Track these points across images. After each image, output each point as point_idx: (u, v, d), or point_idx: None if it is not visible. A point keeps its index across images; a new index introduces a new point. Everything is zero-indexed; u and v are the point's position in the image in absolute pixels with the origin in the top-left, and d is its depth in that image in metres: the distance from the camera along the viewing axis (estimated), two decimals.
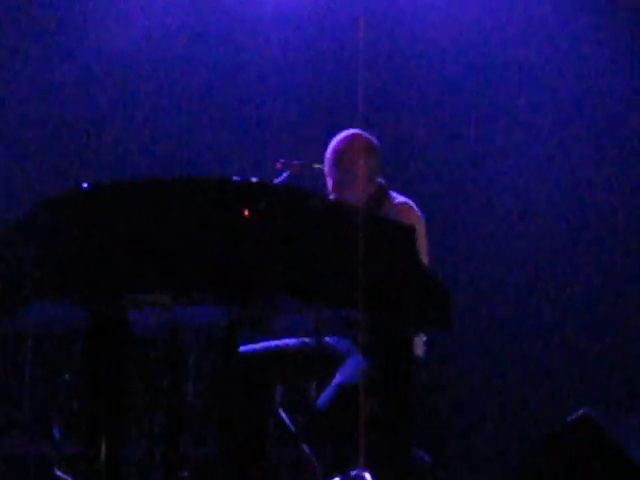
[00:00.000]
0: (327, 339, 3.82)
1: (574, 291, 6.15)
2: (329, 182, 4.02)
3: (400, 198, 4.00)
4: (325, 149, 4.09)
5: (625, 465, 3.50)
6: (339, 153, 3.97)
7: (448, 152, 6.34)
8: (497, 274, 6.17)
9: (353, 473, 4.35)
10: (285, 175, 3.93)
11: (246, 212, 2.93)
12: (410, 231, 3.45)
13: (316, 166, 3.98)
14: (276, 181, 3.85)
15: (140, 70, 6.38)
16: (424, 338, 3.91)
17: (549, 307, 6.13)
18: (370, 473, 4.26)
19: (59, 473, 4.61)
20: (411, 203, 3.98)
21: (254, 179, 3.00)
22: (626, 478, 3.49)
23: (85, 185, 3.06)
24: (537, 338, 6.13)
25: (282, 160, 3.96)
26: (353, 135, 4.02)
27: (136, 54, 6.37)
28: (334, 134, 4.11)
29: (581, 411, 3.65)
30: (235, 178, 3.00)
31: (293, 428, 4.43)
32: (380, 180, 4.02)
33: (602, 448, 3.55)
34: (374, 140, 4.03)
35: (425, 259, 3.82)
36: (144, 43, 6.40)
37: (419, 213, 3.96)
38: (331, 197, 4.00)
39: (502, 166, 6.34)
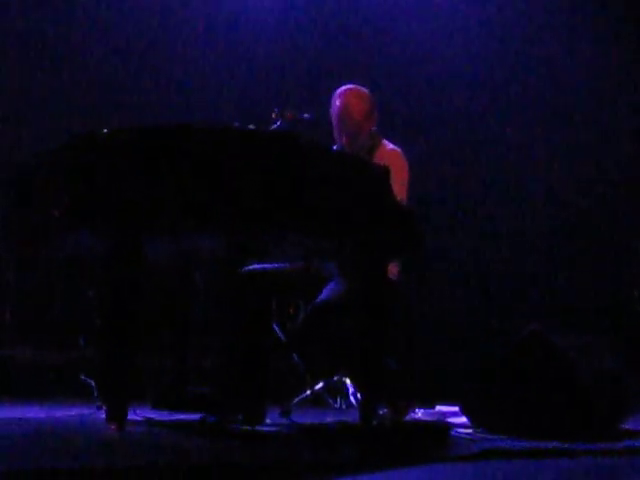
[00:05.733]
0: (316, 265, 4.28)
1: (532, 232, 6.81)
2: (336, 128, 4.47)
3: (391, 145, 4.54)
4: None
5: (567, 369, 3.85)
6: (343, 103, 4.48)
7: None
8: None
9: (335, 378, 4.91)
10: (279, 123, 4.31)
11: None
12: (385, 172, 3.91)
13: (306, 116, 4.38)
14: (272, 128, 4.25)
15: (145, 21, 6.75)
16: (397, 265, 4.37)
17: (509, 243, 6.76)
18: (349, 378, 4.81)
19: (83, 377, 4.96)
20: (399, 150, 4.51)
21: (251, 126, 3.48)
22: (564, 379, 3.82)
23: (105, 130, 3.43)
24: (495, 269, 6.77)
25: (276, 110, 4.34)
26: (355, 88, 4.55)
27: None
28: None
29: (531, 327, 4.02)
30: (236, 125, 3.48)
31: (284, 340, 4.95)
32: (375, 129, 4.54)
33: (548, 357, 3.95)
34: (371, 94, 4.55)
35: (405, 198, 4.28)
36: None
37: (405, 159, 4.48)
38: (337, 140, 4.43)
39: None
